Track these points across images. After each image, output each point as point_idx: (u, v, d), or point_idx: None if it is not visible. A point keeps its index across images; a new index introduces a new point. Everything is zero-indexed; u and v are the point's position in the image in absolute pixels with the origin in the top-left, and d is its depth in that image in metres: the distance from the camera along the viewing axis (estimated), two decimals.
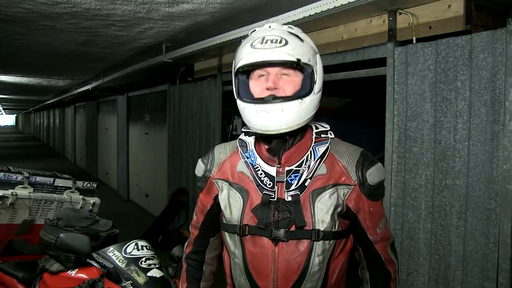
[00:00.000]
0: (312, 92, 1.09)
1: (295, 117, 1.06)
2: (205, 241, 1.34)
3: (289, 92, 1.08)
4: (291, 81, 1.08)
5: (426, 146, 2.29)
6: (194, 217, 1.35)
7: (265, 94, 1.08)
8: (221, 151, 1.26)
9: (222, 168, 1.23)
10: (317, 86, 1.10)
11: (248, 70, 1.12)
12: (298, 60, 1.05)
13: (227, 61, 4.35)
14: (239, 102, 1.14)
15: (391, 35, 2.48)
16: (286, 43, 1.06)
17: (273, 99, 1.06)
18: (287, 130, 1.07)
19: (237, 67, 1.12)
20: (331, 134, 1.20)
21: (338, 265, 1.18)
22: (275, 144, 1.13)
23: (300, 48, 1.07)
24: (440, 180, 2.22)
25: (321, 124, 1.22)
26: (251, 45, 1.08)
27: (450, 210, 2.17)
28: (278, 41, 1.06)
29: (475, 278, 2.07)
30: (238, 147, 1.22)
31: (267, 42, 1.06)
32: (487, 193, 2.02)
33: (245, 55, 1.09)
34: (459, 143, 2.13)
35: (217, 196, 1.23)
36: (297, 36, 1.09)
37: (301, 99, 1.06)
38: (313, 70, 1.09)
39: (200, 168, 1.28)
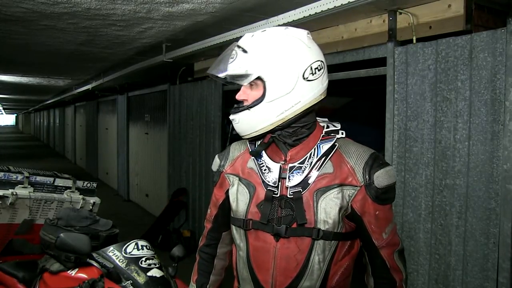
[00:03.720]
0: (264, 100, 1.10)
1: (247, 125, 1.14)
2: (217, 234, 1.38)
3: (249, 103, 1.13)
4: (252, 93, 1.12)
5: (426, 146, 2.29)
6: (209, 211, 1.40)
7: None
8: (236, 148, 1.31)
9: (234, 164, 1.28)
10: (270, 94, 1.09)
11: None
12: (243, 74, 1.10)
13: None
14: None
15: (391, 35, 2.48)
16: (236, 58, 1.11)
17: (233, 109, 1.17)
18: (255, 135, 1.15)
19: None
20: (342, 134, 1.19)
21: (341, 268, 1.17)
22: (258, 147, 1.21)
23: (243, 61, 1.10)
24: (440, 180, 2.22)
25: (333, 123, 1.22)
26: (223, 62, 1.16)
27: (450, 210, 2.17)
28: (232, 56, 1.12)
29: (475, 278, 2.07)
30: (247, 144, 1.25)
31: (229, 60, 1.13)
32: (487, 193, 2.02)
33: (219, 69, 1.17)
34: (459, 143, 2.13)
35: (228, 190, 1.27)
36: (243, 49, 1.11)
37: (249, 109, 1.12)
38: (259, 78, 1.09)
39: (215, 164, 1.34)
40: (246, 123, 1.14)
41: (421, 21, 2.37)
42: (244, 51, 1.10)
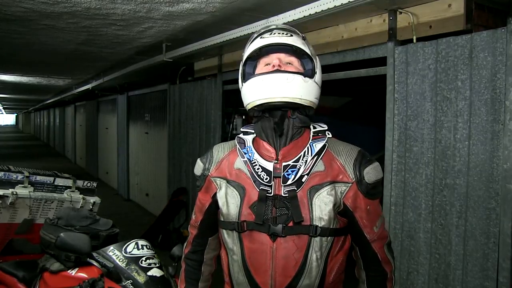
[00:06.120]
0: (314, 78, 1.16)
1: (298, 90, 1.12)
2: (203, 240, 1.35)
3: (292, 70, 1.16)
4: (294, 67, 1.18)
5: (427, 146, 2.29)
6: (193, 217, 1.36)
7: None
8: (220, 150, 1.28)
9: (220, 166, 1.25)
10: (317, 77, 1.18)
11: (255, 59, 1.20)
12: (301, 48, 1.16)
13: (227, 61, 4.35)
14: (243, 85, 1.19)
15: (392, 35, 2.48)
16: (292, 35, 1.18)
17: (278, 70, 1.13)
18: (291, 100, 1.12)
19: (246, 55, 1.20)
20: (328, 134, 1.22)
21: (337, 264, 1.18)
22: (280, 119, 1.16)
23: (302, 44, 1.18)
24: (440, 179, 2.22)
25: (319, 124, 1.24)
26: (260, 36, 1.20)
27: (450, 210, 2.17)
28: (285, 32, 1.18)
29: (475, 277, 2.07)
30: (237, 144, 1.24)
31: (275, 33, 1.18)
32: (487, 192, 2.02)
33: (254, 44, 1.18)
34: (459, 142, 2.13)
35: (215, 194, 1.24)
36: (301, 36, 1.20)
37: (303, 77, 1.14)
38: (313, 61, 1.18)
39: (199, 167, 1.30)
40: (299, 86, 1.12)
41: (421, 21, 2.37)
42: (303, 38, 1.20)
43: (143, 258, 2.05)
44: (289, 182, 1.13)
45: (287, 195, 1.13)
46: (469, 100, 2.08)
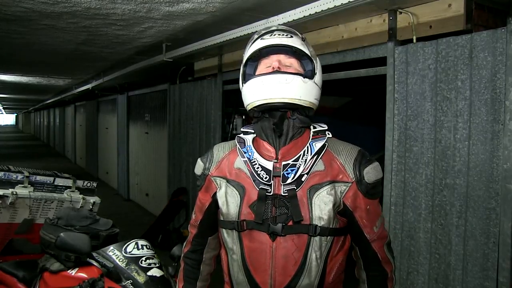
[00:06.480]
0: (313, 79, 1.17)
1: (298, 90, 1.12)
2: (203, 240, 1.35)
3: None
4: (294, 68, 1.18)
5: (426, 146, 2.29)
6: (193, 216, 1.36)
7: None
8: (220, 150, 1.29)
9: (220, 165, 1.25)
10: (317, 78, 1.18)
11: (255, 60, 1.21)
12: (301, 50, 1.17)
13: (227, 61, 4.35)
14: (244, 86, 1.20)
15: (392, 35, 2.48)
16: (292, 36, 1.19)
17: (277, 71, 1.14)
18: (290, 101, 1.12)
19: (246, 57, 1.21)
20: (328, 134, 1.22)
21: (337, 264, 1.19)
22: (279, 119, 1.16)
23: (302, 45, 1.19)
24: (440, 179, 2.22)
25: (319, 124, 1.25)
26: (261, 38, 1.20)
27: (450, 210, 2.17)
28: (285, 34, 1.19)
29: (475, 277, 2.07)
30: (237, 144, 1.24)
31: (275, 34, 1.19)
32: (487, 192, 2.02)
33: (254, 46, 1.19)
34: (459, 142, 2.13)
35: (215, 193, 1.24)
36: (301, 37, 1.21)
37: (303, 78, 1.14)
38: (313, 62, 1.19)
39: (199, 167, 1.31)
40: (298, 87, 1.13)
41: (421, 21, 2.37)
42: (303, 39, 1.21)
43: (143, 258, 2.05)
44: (289, 181, 1.13)
45: (286, 194, 1.13)
46: (469, 100, 2.08)
